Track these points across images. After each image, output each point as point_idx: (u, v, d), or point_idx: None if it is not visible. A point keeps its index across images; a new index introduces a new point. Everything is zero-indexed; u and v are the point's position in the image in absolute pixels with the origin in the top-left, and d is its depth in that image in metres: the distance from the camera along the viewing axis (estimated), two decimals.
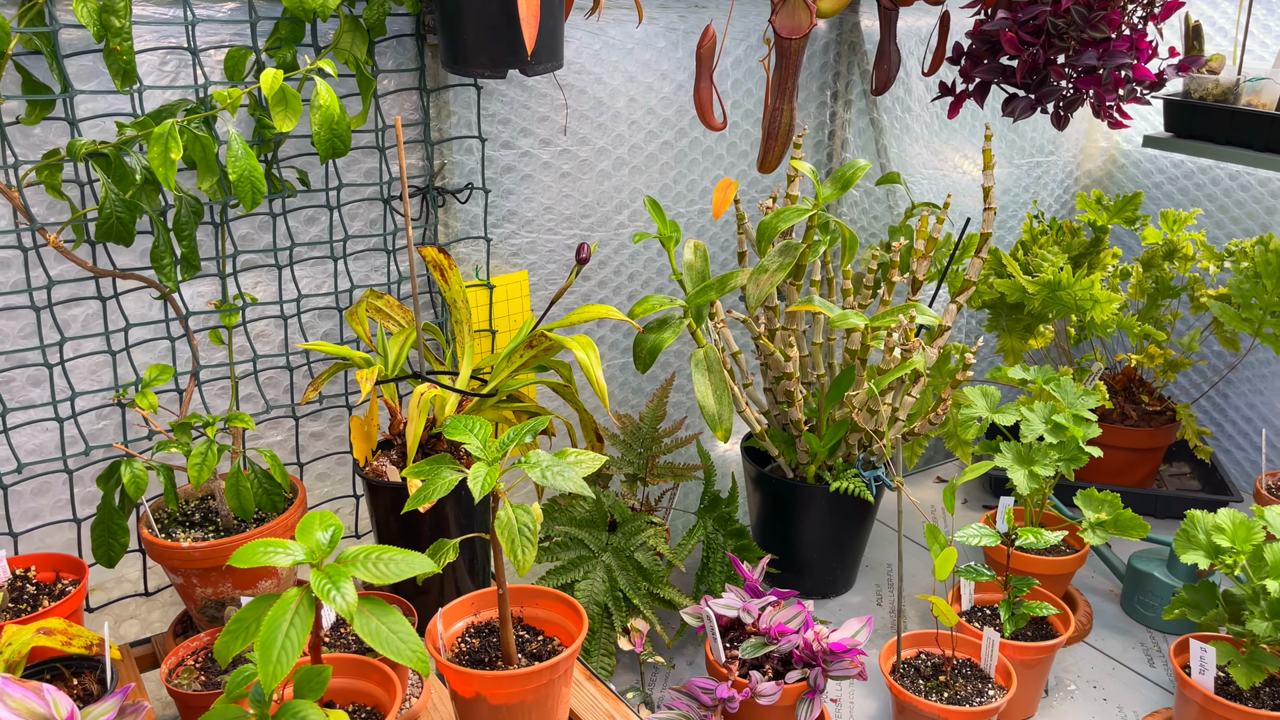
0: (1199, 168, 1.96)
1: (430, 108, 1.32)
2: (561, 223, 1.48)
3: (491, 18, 1.14)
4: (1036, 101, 1.58)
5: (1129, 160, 2.10)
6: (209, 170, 1.08)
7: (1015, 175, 2.02)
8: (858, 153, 1.78)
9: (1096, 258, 1.81)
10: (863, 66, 1.71)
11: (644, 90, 1.49)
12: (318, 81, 1.04)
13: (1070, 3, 1.48)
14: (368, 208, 1.32)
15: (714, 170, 1.62)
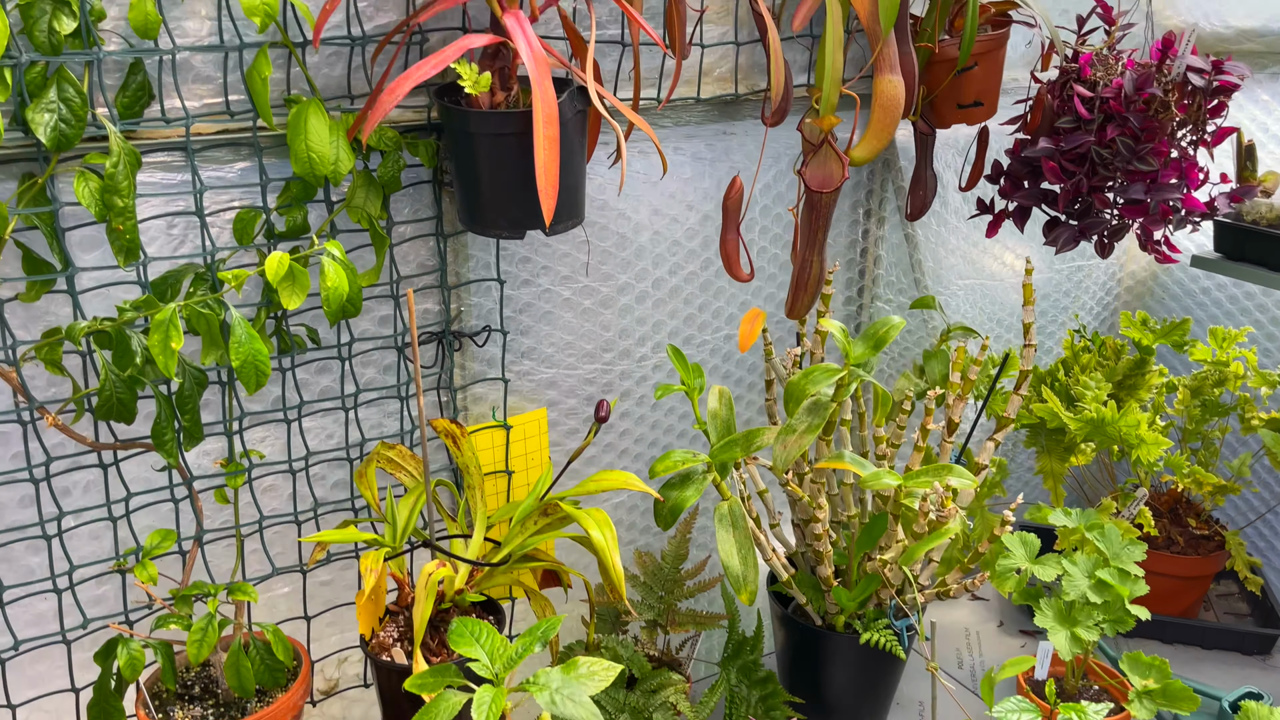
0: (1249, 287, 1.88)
1: (447, 252, 1.27)
2: (582, 358, 1.43)
3: (508, 182, 1.10)
4: (1081, 232, 1.51)
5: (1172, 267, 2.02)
6: (214, 345, 1.03)
7: (1054, 280, 1.95)
8: (891, 269, 1.72)
9: (1141, 379, 1.73)
10: (897, 184, 1.65)
11: (669, 223, 1.44)
12: (326, 263, 0.99)
13: (1116, 133, 1.42)
14: (381, 354, 1.28)
15: (740, 296, 1.57)
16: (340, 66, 1.12)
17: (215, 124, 1.06)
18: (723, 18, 1.37)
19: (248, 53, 1.05)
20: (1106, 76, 1.46)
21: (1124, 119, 1.42)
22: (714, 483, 1.27)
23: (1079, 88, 1.45)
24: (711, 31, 1.36)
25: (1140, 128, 1.41)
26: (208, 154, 1.08)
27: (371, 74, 1.13)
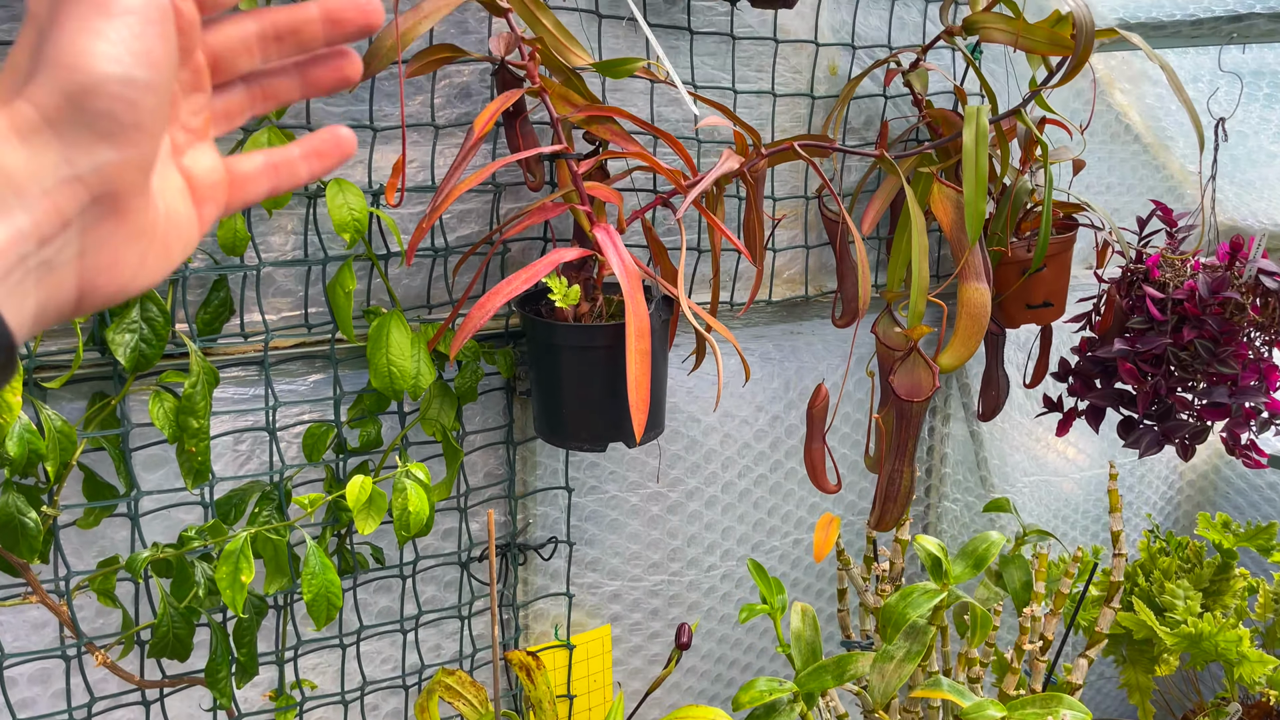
0: None
1: (516, 460, 1.21)
2: (649, 568, 1.35)
3: (594, 395, 1.05)
4: (1164, 435, 1.46)
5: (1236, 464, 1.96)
6: (280, 573, 0.96)
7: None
8: (957, 467, 1.66)
9: (1226, 584, 1.64)
10: (963, 381, 1.61)
11: (739, 425, 1.39)
12: (409, 485, 0.93)
13: (1194, 335, 1.39)
14: (442, 570, 1.20)
15: (809, 498, 1.50)
16: (421, 277, 1.09)
17: (293, 337, 1.03)
18: (792, 222, 1.36)
19: (330, 266, 1.02)
20: (1176, 278, 1.45)
21: (1200, 321, 1.39)
22: (800, 714, 1.17)
23: (1150, 289, 1.43)
24: (781, 235, 1.36)
25: (1219, 330, 1.38)
26: (281, 367, 1.04)
27: (453, 284, 1.11)
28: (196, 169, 0.42)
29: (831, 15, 1.31)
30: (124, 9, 0.35)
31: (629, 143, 1.05)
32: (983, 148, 1.13)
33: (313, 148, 0.45)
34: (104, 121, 0.35)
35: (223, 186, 0.43)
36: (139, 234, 0.38)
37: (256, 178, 0.44)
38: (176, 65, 0.37)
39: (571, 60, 1.03)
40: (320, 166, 0.46)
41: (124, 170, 0.36)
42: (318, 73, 0.45)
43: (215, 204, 0.43)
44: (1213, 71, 1.52)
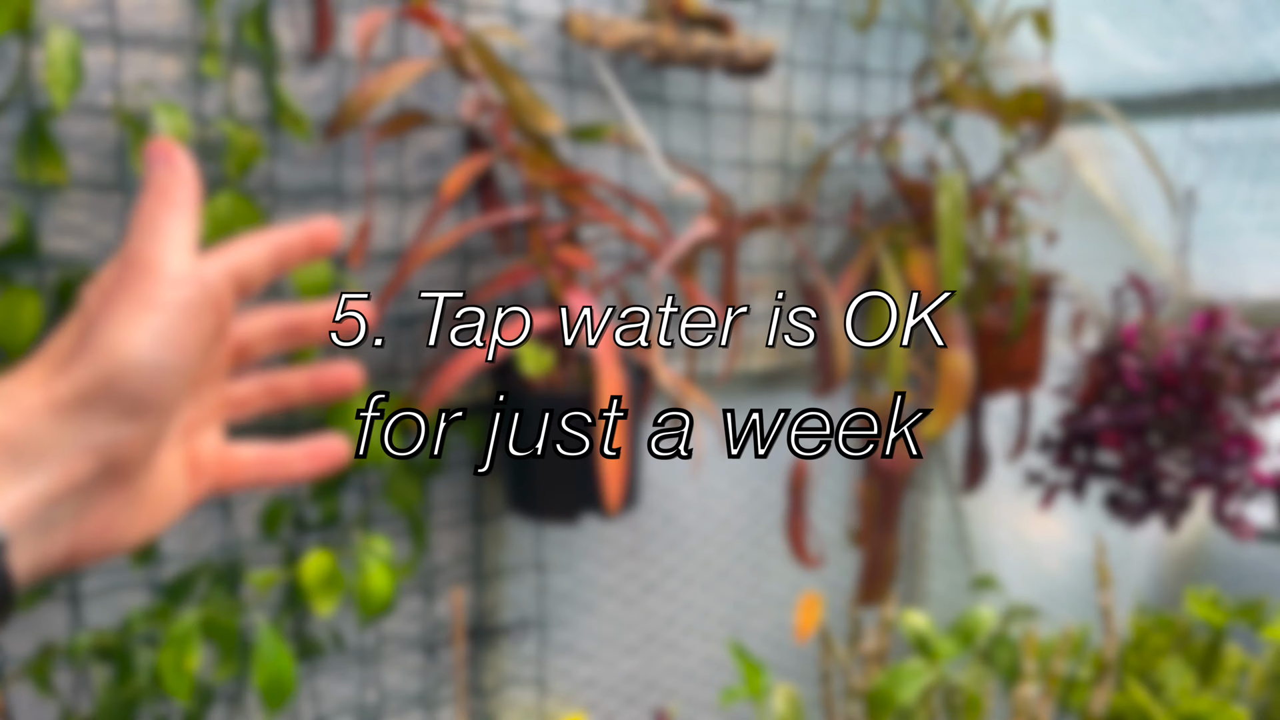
0: None
1: (484, 537, 1.16)
2: (623, 653, 1.29)
3: (567, 465, 1.01)
4: (1150, 504, 1.43)
5: (1220, 533, 1.94)
6: (230, 658, 0.90)
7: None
8: (940, 543, 1.62)
9: (1217, 662, 1.60)
10: (941, 453, 1.58)
11: (718, 499, 1.34)
12: (370, 563, 0.88)
13: (1176, 405, 1.38)
14: (404, 655, 1.14)
15: (790, 576, 1.45)
16: (387, 346, 1.06)
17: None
18: (770, 290, 1.35)
19: None
20: (1153, 349, 1.44)
21: (1181, 391, 1.38)
22: None
23: (1128, 360, 1.42)
24: (759, 304, 1.34)
25: (1200, 400, 1.37)
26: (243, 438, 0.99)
27: (420, 354, 1.07)
28: (202, 447, 0.46)
29: (804, 87, 1.32)
30: (164, 304, 0.40)
31: (602, 209, 1.03)
32: (958, 215, 1.12)
33: (313, 450, 0.50)
34: (130, 400, 0.39)
35: (217, 467, 0.47)
36: (135, 500, 0.42)
37: (248, 468, 0.48)
38: (203, 353, 0.41)
39: (543, 126, 1.02)
40: (318, 467, 0.50)
41: (136, 444, 0.40)
42: (325, 381, 0.50)
43: (207, 481, 0.46)
44: (1179, 145, 1.54)
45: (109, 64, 0.87)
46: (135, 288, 0.40)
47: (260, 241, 0.45)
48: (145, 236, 0.41)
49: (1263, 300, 1.79)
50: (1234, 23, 1.28)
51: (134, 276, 0.40)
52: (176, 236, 0.41)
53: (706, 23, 1.15)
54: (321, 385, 0.50)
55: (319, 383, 0.50)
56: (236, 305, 0.44)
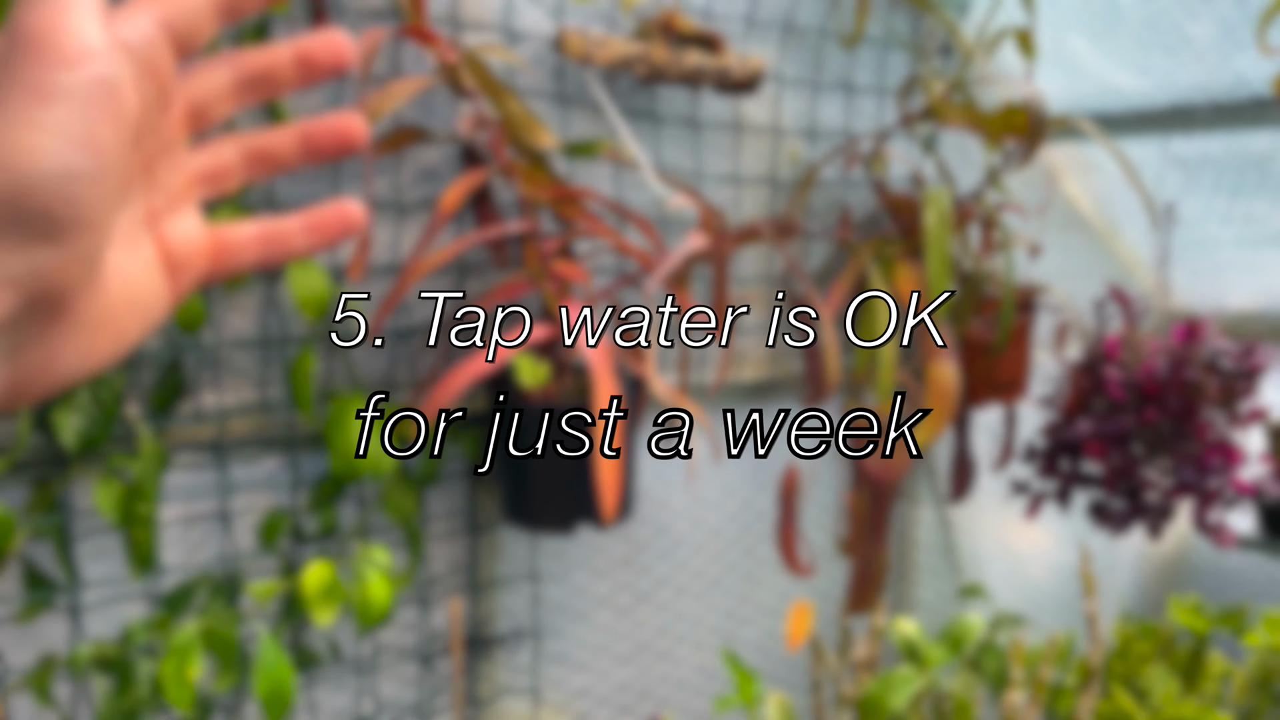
0: None
1: (480, 548, 1.17)
2: (617, 663, 1.30)
3: (562, 474, 1.02)
4: (1133, 513, 1.46)
5: (1201, 541, 1.97)
6: (229, 669, 0.91)
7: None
8: (928, 553, 1.64)
9: (1200, 668, 1.62)
10: (929, 464, 1.60)
11: (709, 509, 1.36)
12: (369, 572, 0.89)
13: (1157, 415, 1.40)
14: (400, 665, 1.14)
15: (781, 585, 1.47)
16: (383, 359, 1.07)
17: (249, 420, 0.99)
18: (760, 304, 1.37)
19: (290, 347, 1.00)
20: (1135, 359, 1.47)
21: (1163, 401, 1.41)
22: None
23: (1111, 371, 1.45)
24: (749, 316, 1.35)
25: (1181, 409, 1.40)
26: (236, 451, 1.01)
27: (417, 366, 1.08)
28: (175, 235, 0.38)
29: (792, 104, 1.34)
30: (63, 92, 0.31)
31: (597, 223, 1.05)
32: (945, 228, 1.14)
33: (316, 220, 0.41)
34: (40, 221, 0.31)
35: (204, 254, 0.39)
36: (83, 326, 0.35)
37: (246, 246, 0.40)
38: (131, 139, 0.34)
39: (538, 141, 1.04)
40: (320, 241, 0.42)
41: (63, 270, 0.33)
42: (320, 136, 0.41)
43: (192, 272, 0.39)
44: (1159, 161, 1.58)
45: None
46: (26, 75, 0.31)
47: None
48: (35, 2, 0.31)
49: (1241, 312, 1.83)
50: (1211, 42, 1.31)
51: (23, 60, 0.31)
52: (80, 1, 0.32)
53: (697, 41, 1.17)
54: (316, 140, 0.40)
55: (313, 138, 0.40)
56: (179, 60, 0.36)
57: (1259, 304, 1.80)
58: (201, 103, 0.38)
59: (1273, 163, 1.49)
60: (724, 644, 1.40)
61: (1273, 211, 1.58)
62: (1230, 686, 1.69)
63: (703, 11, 1.22)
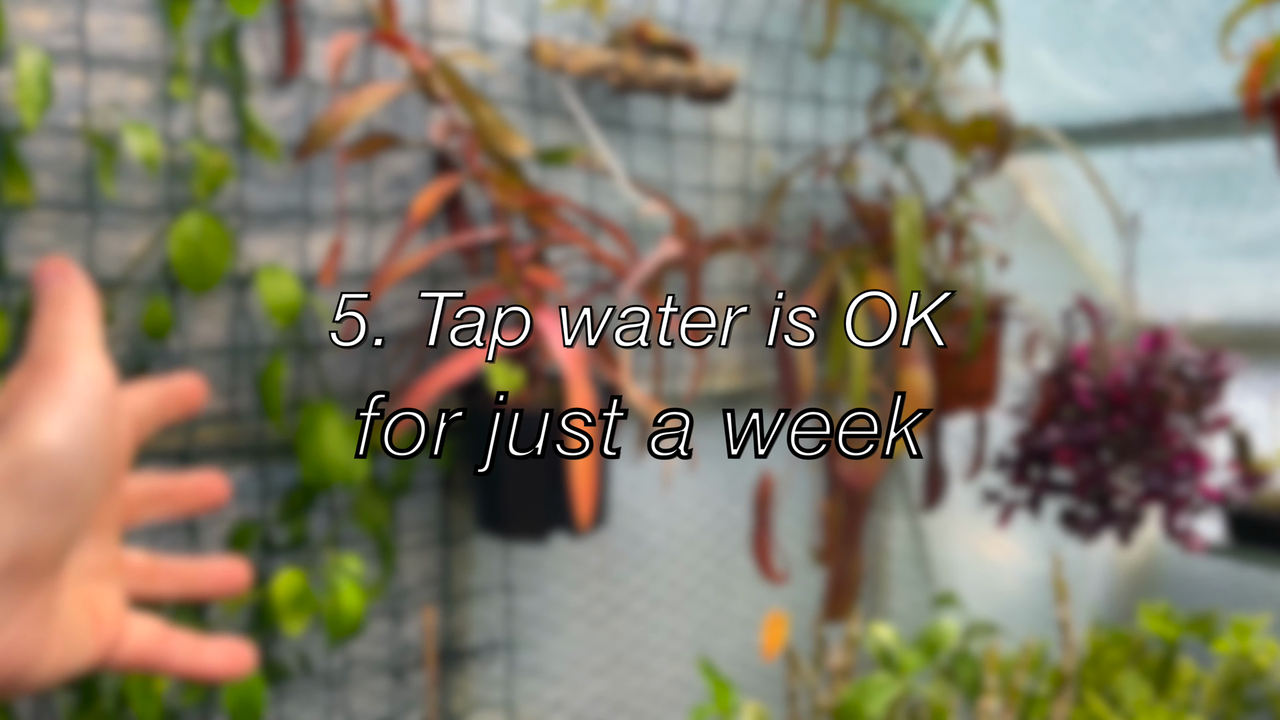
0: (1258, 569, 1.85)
1: (452, 559, 1.16)
2: (591, 675, 1.29)
3: (536, 483, 1.02)
4: (1103, 520, 1.47)
5: (1170, 549, 1.99)
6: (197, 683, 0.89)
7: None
8: (901, 562, 1.64)
9: (1172, 675, 1.63)
10: (901, 473, 1.61)
11: (683, 519, 1.36)
12: (341, 581, 0.88)
13: (1126, 423, 1.42)
14: (371, 678, 1.13)
15: (755, 596, 1.46)
16: (355, 367, 1.06)
17: (218, 429, 0.98)
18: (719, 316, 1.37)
19: (260, 355, 0.99)
20: (1103, 368, 1.48)
21: (1131, 409, 1.42)
22: None
23: (1080, 379, 1.46)
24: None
25: (1148, 417, 1.41)
26: (204, 460, 0.99)
27: (389, 374, 1.07)
28: (99, 602, 0.43)
29: (763, 115, 1.35)
30: (79, 397, 0.40)
31: (570, 230, 1.05)
32: (915, 236, 1.15)
33: (221, 652, 0.47)
34: (44, 490, 0.38)
35: (120, 626, 0.44)
36: (45, 620, 0.39)
37: (150, 644, 0.45)
38: (111, 451, 0.41)
39: (511, 149, 1.03)
40: (222, 671, 0.47)
41: (48, 540, 0.38)
42: (209, 586, 0.48)
43: (104, 642, 0.43)
44: (1123, 172, 1.60)
45: (77, 85, 0.88)
46: (47, 384, 0.39)
47: (147, 388, 0.46)
48: (52, 339, 0.41)
49: (1204, 323, 1.86)
50: (1173, 55, 1.34)
51: (45, 374, 0.40)
52: (85, 339, 0.41)
53: (669, 51, 1.17)
54: (203, 588, 0.49)
55: (203, 490, 0.49)
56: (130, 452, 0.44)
57: (1221, 314, 1.83)
58: (133, 501, 0.46)
59: (1234, 174, 1.51)
60: (699, 655, 1.40)
61: (1234, 223, 1.61)
62: (1201, 693, 1.70)
63: (674, 22, 1.23)
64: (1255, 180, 1.50)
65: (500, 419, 1.01)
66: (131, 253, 0.92)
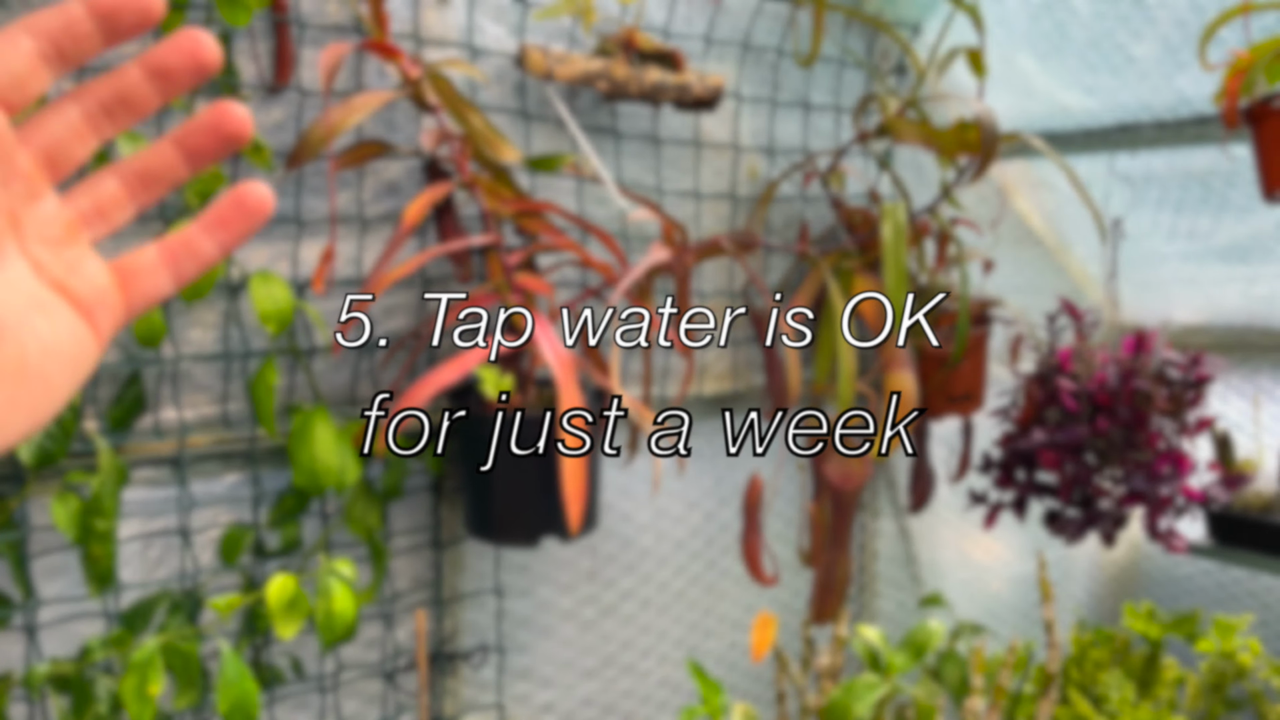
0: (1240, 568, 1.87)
1: (443, 563, 1.17)
2: (582, 677, 1.30)
3: (526, 487, 1.03)
4: (1087, 522, 1.49)
5: (1153, 550, 2.01)
6: (190, 686, 0.89)
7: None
8: (888, 564, 1.66)
9: (1155, 675, 1.65)
10: (888, 475, 1.62)
11: (673, 523, 1.37)
12: (334, 585, 0.89)
13: (1109, 424, 1.44)
14: (364, 682, 1.13)
15: (744, 598, 1.47)
16: (346, 373, 1.07)
17: (210, 435, 0.98)
18: (718, 317, 1.38)
19: (252, 362, 0.99)
20: (1087, 371, 1.50)
21: (1113, 411, 1.44)
22: None
23: (1064, 382, 1.48)
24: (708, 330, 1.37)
25: (1131, 419, 1.43)
26: (197, 466, 0.99)
27: (380, 380, 1.08)
28: (75, 281, 0.37)
29: (750, 121, 1.36)
30: None
31: (560, 237, 1.06)
32: (901, 241, 1.17)
33: (215, 217, 0.38)
34: None
35: (115, 291, 0.38)
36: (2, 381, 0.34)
37: (152, 271, 0.38)
38: None
39: (501, 156, 1.04)
40: (229, 237, 0.39)
41: None
42: (198, 140, 0.37)
43: (110, 312, 0.38)
44: (1105, 178, 1.62)
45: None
46: None
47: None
48: None
49: (1185, 326, 1.88)
50: (1154, 61, 1.35)
51: None
52: None
53: (657, 58, 1.19)
54: (195, 144, 0.37)
55: (191, 142, 0.37)
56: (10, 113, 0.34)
57: (1203, 318, 1.85)
58: (54, 147, 0.36)
59: (1214, 179, 1.53)
60: (689, 656, 1.41)
61: (1215, 227, 1.63)
62: (1184, 692, 1.72)
63: (662, 30, 1.24)
64: (1235, 185, 1.53)
65: (491, 424, 1.02)
66: None
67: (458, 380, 0.96)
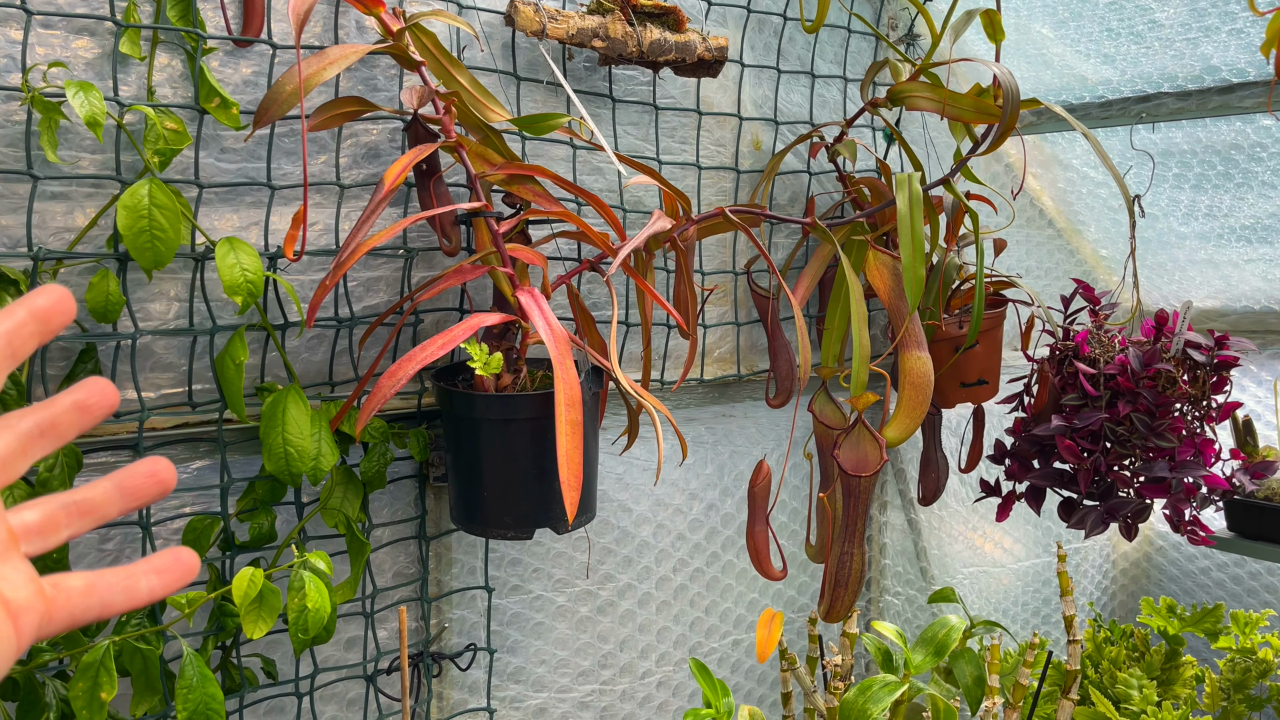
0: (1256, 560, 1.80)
1: (429, 557, 1.09)
2: (578, 678, 1.22)
3: (519, 474, 0.95)
4: (1108, 513, 1.42)
5: (1167, 543, 1.95)
6: (150, 690, 0.81)
7: (1050, 563, 1.84)
8: (897, 558, 1.59)
9: (1175, 672, 1.58)
10: (897, 465, 1.55)
11: (672, 515, 1.29)
12: (307, 579, 0.81)
13: (1129, 410, 1.37)
14: (344, 685, 1.06)
15: (748, 594, 1.40)
16: (322, 351, 0.99)
17: (174, 417, 0.90)
18: (721, 298, 1.31)
19: (219, 337, 0.91)
20: (1105, 354, 1.43)
21: (1135, 395, 1.37)
22: None
23: (1082, 365, 1.41)
24: (711, 312, 1.30)
25: (1154, 403, 1.36)
26: (158, 451, 0.91)
27: (359, 359, 1.00)
28: (4, 586, 0.39)
29: (754, 90, 1.29)
30: None
31: (553, 204, 0.98)
32: (917, 212, 1.09)
33: (153, 566, 0.43)
34: None
35: (40, 596, 0.40)
36: None
37: (77, 595, 0.41)
38: None
39: (490, 117, 0.97)
40: (161, 585, 0.43)
41: None
42: (136, 483, 0.43)
43: (34, 613, 0.40)
44: (1123, 152, 1.55)
45: (16, 42, 0.80)
46: None
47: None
48: None
49: (1203, 310, 1.81)
50: (1179, 25, 1.28)
51: None
52: None
53: (657, 15, 1.11)
54: (131, 487, 0.43)
55: (128, 485, 0.43)
56: None
57: (1220, 301, 1.79)
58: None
59: (1238, 153, 1.47)
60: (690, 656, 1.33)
61: (1236, 204, 1.56)
62: (1203, 690, 1.65)
63: None
64: (1259, 159, 1.46)
65: (480, 405, 0.94)
66: (77, 225, 0.84)
67: (443, 358, 0.88)
